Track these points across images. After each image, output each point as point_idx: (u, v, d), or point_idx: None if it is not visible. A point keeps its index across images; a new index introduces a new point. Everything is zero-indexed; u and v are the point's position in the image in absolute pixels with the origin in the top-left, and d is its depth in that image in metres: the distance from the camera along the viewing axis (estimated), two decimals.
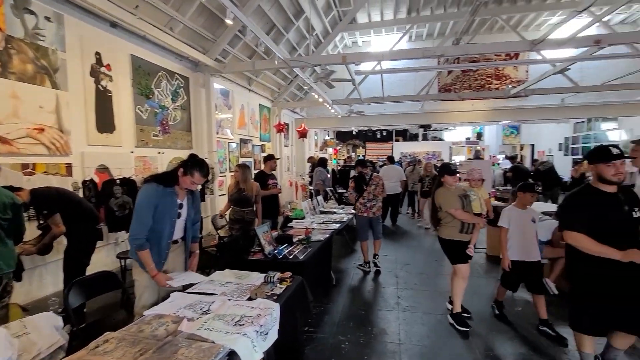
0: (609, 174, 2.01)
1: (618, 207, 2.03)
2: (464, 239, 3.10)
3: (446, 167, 3.24)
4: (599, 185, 2.09)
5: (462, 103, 11.45)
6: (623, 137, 13.14)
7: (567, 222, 2.14)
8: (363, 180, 4.73)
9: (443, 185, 3.21)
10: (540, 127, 17.89)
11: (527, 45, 5.39)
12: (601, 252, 1.97)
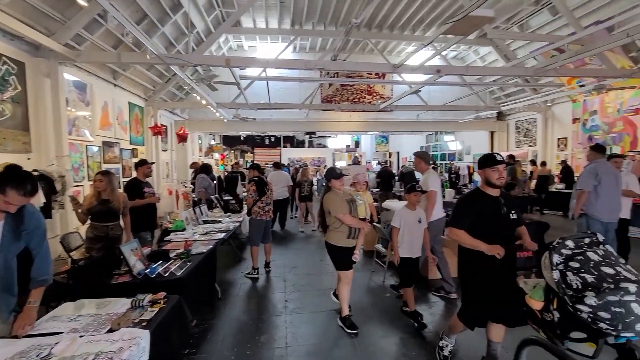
0: (494, 177, 2.23)
1: (498, 209, 2.26)
2: (350, 245, 3.15)
3: (331, 172, 3.24)
4: (485, 189, 2.31)
5: (342, 113, 12.61)
6: (459, 146, 16.79)
7: (453, 219, 2.37)
8: (264, 183, 4.81)
9: (331, 189, 3.20)
10: (403, 138, 21.18)
11: (390, 68, 6.31)
12: (473, 245, 2.21)
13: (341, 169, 3.36)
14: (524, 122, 13.05)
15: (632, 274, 1.48)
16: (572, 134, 10.95)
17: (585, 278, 1.48)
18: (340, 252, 3.18)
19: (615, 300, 1.35)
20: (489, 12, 3.99)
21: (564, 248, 1.64)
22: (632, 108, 9.12)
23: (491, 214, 2.25)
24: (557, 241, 1.66)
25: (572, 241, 1.66)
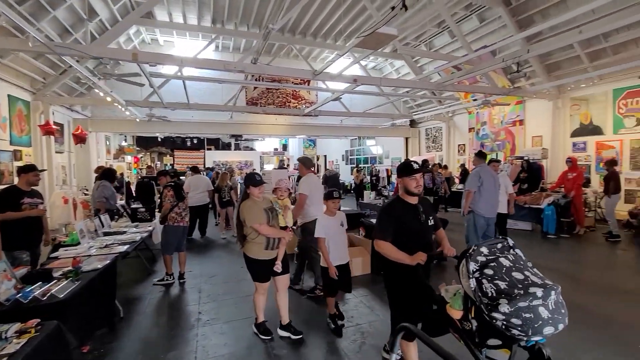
0: (412, 186, 2.21)
1: (417, 216, 2.25)
2: (269, 257, 2.99)
3: (251, 178, 3.01)
4: (405, 197, 2.28)
5: (268, 116, 12.53)
6: (379, 151, 18.04)
7: (377, 232, 2.27)
8: (181, 188, 4.63)
9: (249, 197, 3.00)
10: (329, 142, 21.94)
11: (310, 74, 6.48)
12: (397, 258, 2.14)
13: (262, 176, 3.08)
14: (432, 130, 14.65)
15: (539, 278, 1.52)
16: (469, 141, 12.66)
17: (498, 285, 1.49)
18: (258, 265, 3.01)
19: (525, 306, 1.38)
20: (394, 30, 4.38)
21: (480, 255, 1.64)
22: (511, 120, 10.93)
23: (411, 221, 2.23)
24: (472, 248, 1.67)
25: (486, 247, 1.68)
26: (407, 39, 10.78)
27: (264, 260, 3.01)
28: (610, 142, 8.37)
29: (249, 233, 2.95)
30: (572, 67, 8.72)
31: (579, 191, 6.95)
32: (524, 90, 9.09)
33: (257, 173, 3.14)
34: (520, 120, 10.57)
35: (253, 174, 3.08)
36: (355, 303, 3.86)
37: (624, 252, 5.84)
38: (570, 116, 9.26)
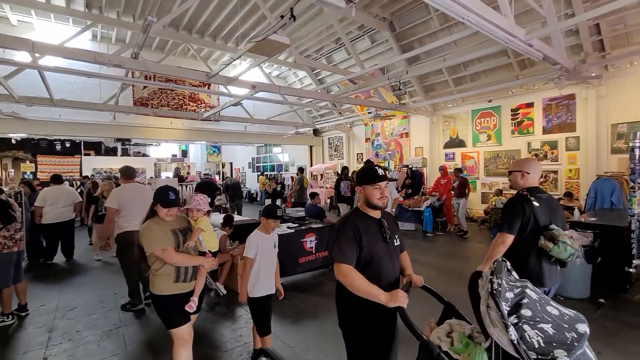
0: (375, 197, 1.76)
1: (383, 234, 1.79)
2: (182, 290, 2.32)
3: (161, 194, 2.30)
4: (365, 210, 1.83)
5: (161, 119, 11.34)
6: (286, 159, 18.18)
7: (335, 252, 1.72)
8: (8, 206, 3.58)
9: (155, 217, 2.33)
10: (235, 148, 21.17)
11: (203, 76, 6.07)
12: (369, 294, 1.60)
13: (177, 193, 2.44)
14: (334, 139, 15.45)
15: (569, 310, 1.20)
16: (366, 150, 13.75)
17: (544, 330, 1.10)
18: (166, 303, 2.28)
19: (582, 353, 1.06)
20: (286, 39, 4.40)
21: (507, 290, 1.20)
22: (399, 133, 12.28)
23: (375, 241, 1.76)
24: (490, 280, 1.21)
25: (500, 277, 1.22)
26: (308, 51, 11.17)
27: (174, 296, 2.29)
28: (471, 153, 10.12)
29: (152, 262, 2.30)
30: (442, 89, 10.29)
31: (449, 195, 8.15)
32: (407, 106, 10.32)
33: (172, 189, 2.35)
34: (406, 133, 11.97)
35: (166, 189, 2.32)
36: (246, 319, 3.65)
37: (479, 244, 7.05)
38: (442, 131, 10.89)
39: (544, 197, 2.26)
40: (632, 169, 3.76)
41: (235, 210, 8.93)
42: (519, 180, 2.33)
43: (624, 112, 7.24)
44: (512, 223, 2.19)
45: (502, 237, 2.21)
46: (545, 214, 2.20)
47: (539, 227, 2.17)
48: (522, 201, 2.22)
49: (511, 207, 2.25)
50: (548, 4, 4.91)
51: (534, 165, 2.33)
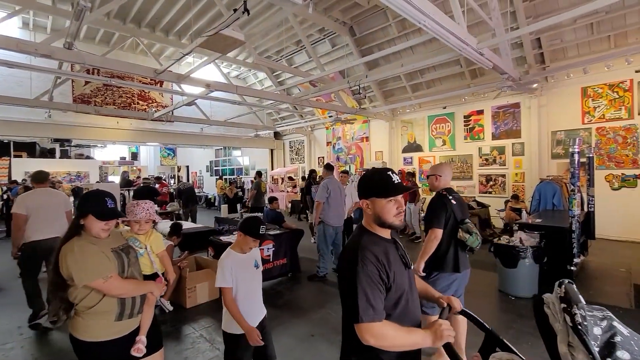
0: (391, 214, 1.29)
1: (403, 260, 1.36)
2: (126, 331, 1.74)
3: (95, 201, 1.72)
4: (377, 230, 1.34)
5: (107, 119, 10.43)
6: (246, 162, 17.63)
7: (363, 310, 1.19)
8: None
9: (81, 234, 1.69)
10: (192, 151, 20.16)
11: (151, 73, 5.59)
12: (414, 345, 1.24)
13: (115, 201, 1.81)
14: (295, 143, 15.26)
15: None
16: (327, 153, 13.72)
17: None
18: (104, 351, 1.68)
19: None
20: (240, 35, 4.15)
21: (594, 324, 0.96)
22: (359, 137, 12.40)
23: (400, 273, 1.32)
24: (570, 312, 0.96)
25: (582, 306, 0.98)
26: (268, 52, 10.90)
27: (115, 341, 1.69)
28: (428, 157, 10.45)
29: (80, 299, 1.64)
30: (401, 95, 10.55)
31: (407, 199, 8.30)
32: (367, 111, 10.43)
33: (108, 194, 1.78)
34: (367, 137, 12.11)
35: (100, 195, 1.75)
36: (193, 339, 3.31)
37: None
38: (401, 135, 11.16)
39: (457, 197, 2.61)
40: (572, 173, 4.01)
41: (189, 217, 8.36)
42: (435, 183, 2.66)
43: (562, 121, 7.87)
44: (440, 218, 2.47)
45: (434, 233, 2.46)
46: (460, 210, 2.54)
47: (457, 221, 2.49)
48: (443, 199, 2.53)
49: (436, 205, 2.54)
50: (497, 17, 5.16)
51: (445, 169, 2.68)
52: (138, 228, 2.16)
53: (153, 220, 2.28)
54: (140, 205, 2.20)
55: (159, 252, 2.37)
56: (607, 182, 7.26)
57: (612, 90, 7.18)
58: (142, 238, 2.22)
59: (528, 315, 3.52)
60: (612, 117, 7.21)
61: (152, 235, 2.26)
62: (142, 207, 2.19)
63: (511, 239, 4.26)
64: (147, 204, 2.25)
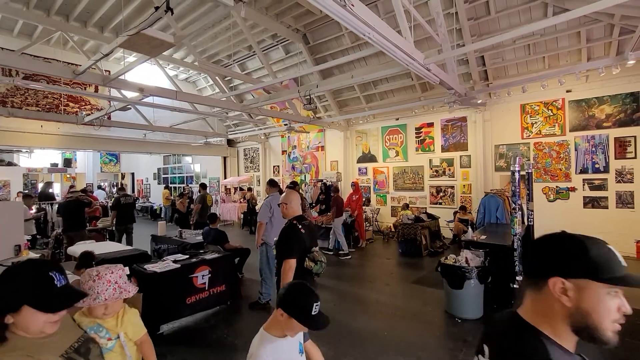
0: (610, 317, 0.81)
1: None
2: None
3: (26, 275, 1.09)
4: (562, 340, 0.83)
5: (28, 122, 9.15)
6: (197, 169, 16.64)
7: None
8: None
9: (6, 340, 1.04)
10: (138, 157, 18.64)
11: (68, 73, 4.86)
12: None
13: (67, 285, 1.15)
14: (250, 150, 14.67)
15: None
16: (282, 162, 13.33)
17: None
18: None
19: None
20: (168, 36, 3.68)
21: None
22: (315, 146, 12.18)
23: None
24: None
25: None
26: (218, 56, 10.33)
27: None
28: (382, 168, 10.48)
29: None
30: (355, 105, 10.51)
31: (361, 210, 8.18)
32: (322, 120, 10.24)
33: (54, 266, 1.16)
34: (322, 146, 11.92)
35: (38, 267, 1.13)
36: None
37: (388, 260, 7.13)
38: (356, 145, 11.11)
39: (307, 224, 2.60)
40: (513, 192, 4.05)
41: (122, 236, 7.40)
42: (284, 211, 2.66)
43: (504, 135, 8.25)
44: (293, 248, 2.44)
45: (288, 263, 2.39)
46: (309, 238, 2.55)
47: (305, 250, 2.49)
48: (294, 228, 2.51)
49: (288, 236, 2.51)
50: (443, 33, 5.18)
51: (292, 197, 2.69)
52: (103, 312, 1.48)
53: (123, 289, 1.54)
54: (103, 277, 1.48)
55: (138, 339, 1.64)
56: (544, 194, 7.69)
57: (547, 108, 7.66)
58: (111, 323, 1.52)
59: (474, 342, 3.41)
60: (547, 133, 7.67)
61: (125, 316, 1.56)
62: (108, 281, 1.47)
63: (457, 258, 4.19)
64: (114, 272, 1.53)
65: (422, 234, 7.20)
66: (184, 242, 5.73)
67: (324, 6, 2.95)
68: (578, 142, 7.32)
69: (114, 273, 1.53)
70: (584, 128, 7.26)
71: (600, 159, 7.08)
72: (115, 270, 1.55)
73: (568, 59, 7.22)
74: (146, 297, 3.74)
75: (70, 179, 16.49)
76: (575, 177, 7.36)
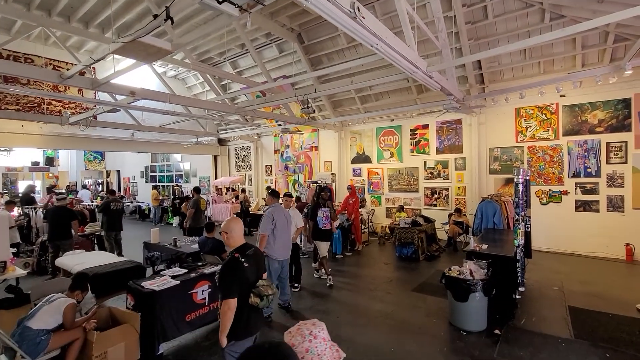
0: None
1: None
2: None
3: None
4: None
5: (7, 121, 8.68)
6: (186, 167, 16.28)
7: None
8: None
9: None
10: (124, 154, 18.08)
11: (54, 77, 4.59)
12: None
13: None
14: (241, 149, 14.42)
15: None
16: (275, 162, 13.15)
17: None
18: None
19: None
20: (166, 44, 3.48)
21: None
22: (308, 146, 12.04)
23: None
24: None
25: None
26: (209, 53, 10.03)
27: None
28: (376, 169, 10.45)
29: None
30: (350, 105, 10.40)
31: (357, 214, 8.13)
32: (316, 121, 10.11)
33: None
34: (316, 146, 11.80)
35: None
36: None
37: (385, 265, 7.12)
38: (350, 146, 11.03)
39: (251, 254, 2.43)
40: (517, 203, 4.06)
41: (113, 246, 7.10)
42: (225, 240, 2.51)
43: (498, 138, 8.30)
44: (232, 288, 2.27)
45: (227, 304, 2.24)
46: (253, 271, 2.39)
47: (250, 286, 2.34)
48: (236, 264, 2.33)
49: (227, 273, 2.31)
50: (443, 38, 5.12)
51: (233, 225, 2.50)
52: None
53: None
54: (318, 335, 1.37)
55: None
56: (537, 197, 7.80)
57: (541, 112, 7.73)
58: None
59: (480, 357, 3.41)
60: (542, 136, 7.76)
61: None
62: (323, 339, 1.36)
63: (461, 269, 4.18)
64: (318, 324, 1.44)
65: (419, 238, 7.21)
66: (179, 251, 5.55)
67: (334, 19, 2.83)
68: (571, 146, 7.43)
69: (323, 329, 1.40)
70: (577, 133, 7.37)
71: (592, 163, 7.21)
72: (318, 323, 1.46)
73: (563, 64, 7.29)
74: (144, 316, 3.62)
75: (52, 177, 15.90)
76: (568, 181, 7.49)
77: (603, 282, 5.61)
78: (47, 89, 8.98)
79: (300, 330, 1.41)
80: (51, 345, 2.91)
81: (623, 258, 6.79)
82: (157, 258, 6.23)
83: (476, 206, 7.03)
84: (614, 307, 4.53)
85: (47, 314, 2.98)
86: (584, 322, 4.11)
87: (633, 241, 6.74)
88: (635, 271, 6.24)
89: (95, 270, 4.41)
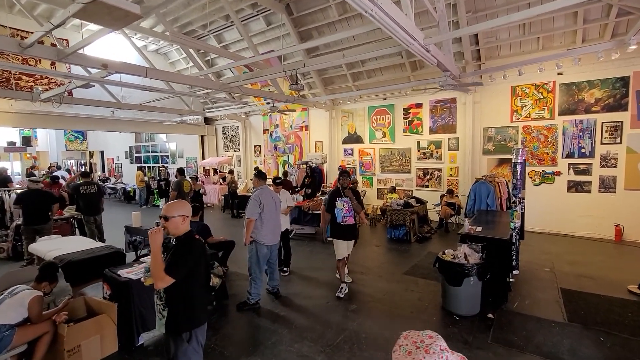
0: None
1: None
2: None
3: None
4: None
5: None
6: (172, 147, 15.75)
7: None
8: None
9: None
10: (107, 134, 17.37)
11: (13, 46, 4.12)
12: None
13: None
14: (229, 129, 13.93)
15: None
16: (264, 142, 12.76)
17: None
18: None
19: None
20: (134, 6, 3.08)
21: None
22: (298, 125, 11.66)
23: None
24: None
25: None
26: (192, 26, 9.39)
27: None
28: (368, 149, 10.20)
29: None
30: (341, 83, 9.99)
31: None
32: (306, 100, 9.71)
33: None
34: (306, 126, 11.43)
35: None
36: None
37: (377, 247, 7.01)
38: (341, 126, 10.70)
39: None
40: (515, 185, 3.89)
41: (94, 231, 6.66)
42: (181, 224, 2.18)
43: (493, 117, 8.10)
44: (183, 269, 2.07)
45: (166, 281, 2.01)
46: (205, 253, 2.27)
47: (208, 266, 2.30)
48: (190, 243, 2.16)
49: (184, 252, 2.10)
50: (441, 9, 4.78)
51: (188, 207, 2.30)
52: None
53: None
54: (430, 347, 1.36)
55: None
56: (530, 177, 7.71)
57: (538, 91, 7.51)
58: None
59: (474, 343, 3.32)
60: (537, 116, 7.58)
61: None
62: (441, 348, 1.36)
63: (455, 253, 4.04)
64: (434, 336, 1.44)
65: (411, 220, 7.09)
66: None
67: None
68: (566, 126, 7.28)
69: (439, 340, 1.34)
70: (573, 112, 7.20)
71: (587, 143, 7.10)
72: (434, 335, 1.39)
73: (562, 40, 7.01)
74: (121, 306, 3.39)
75: (31, 158, 15.20)
76: (561, 162, 7.39)
77: (593, 262, 5.61)
78: (15, 61, 8.33)
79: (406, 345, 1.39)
80: (16, 341, 2.68)
81: (612, 238, 6.81)
82: (140, 242, 5.96)
83: (469, 187, 6.90)
84: (605, 288, 4.51)
85: (9, 307, 2.72)
86: (576, 305, 4.07)
87: (623, 222, 6.75)
88: (624, 251, 6.26)
89: (70, 257, 4.14)
